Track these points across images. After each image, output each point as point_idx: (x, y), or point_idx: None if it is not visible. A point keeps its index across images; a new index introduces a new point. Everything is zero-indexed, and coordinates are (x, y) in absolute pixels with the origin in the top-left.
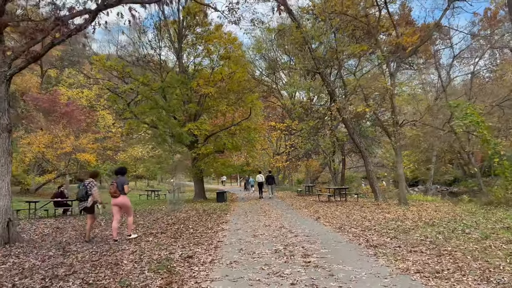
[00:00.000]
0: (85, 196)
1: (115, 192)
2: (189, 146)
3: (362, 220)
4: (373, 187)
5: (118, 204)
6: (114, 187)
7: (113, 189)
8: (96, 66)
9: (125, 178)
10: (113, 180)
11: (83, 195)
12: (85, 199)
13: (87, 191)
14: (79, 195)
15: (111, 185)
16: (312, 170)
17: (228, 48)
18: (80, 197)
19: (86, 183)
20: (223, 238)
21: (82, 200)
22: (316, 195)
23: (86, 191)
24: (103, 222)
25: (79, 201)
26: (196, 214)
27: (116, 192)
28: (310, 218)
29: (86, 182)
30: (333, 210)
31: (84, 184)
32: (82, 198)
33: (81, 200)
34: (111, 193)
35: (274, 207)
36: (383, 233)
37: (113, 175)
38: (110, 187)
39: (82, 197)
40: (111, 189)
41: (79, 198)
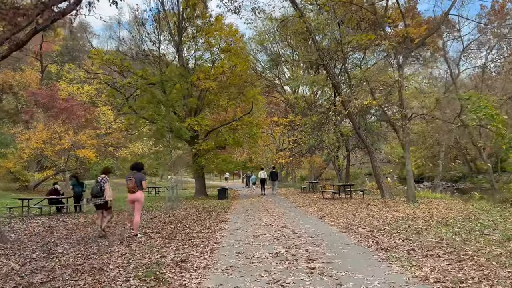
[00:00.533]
0: (100, 192)
1: (134, 187)
2: (189, 141)
3: (370, 219)
4: (379, 184)
5: (133, 199)
6: (132, 183)
7: (131, 184)
8: (94, 60)
9: (142, 173)
10: (131, 176)
11: (98, 191)
12: (100, 195)
13: (101, 187)
14: (94, 191)
15: (129, 181)
16: (315, 167)
17: (229, 40)
18: (95, 193)
19: (99, 179)
20: (221, 239)
21: (97, 196)
22: (320, 192)
23: (100, 187)
24: None
25: (93, 197)
26: (195, 212)
27: (134, 188)
28: (314, 217)
29: (99, 178)
30: (338, 208)
31: (98, 180)
32: (97, 194)
33: (96, 196)
34: (129, 188)
35: (277, 205)
36: (394, 234)
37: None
38: (128, 183)
39: (97, 193)
40: (129, 184)
41: (93, 194)
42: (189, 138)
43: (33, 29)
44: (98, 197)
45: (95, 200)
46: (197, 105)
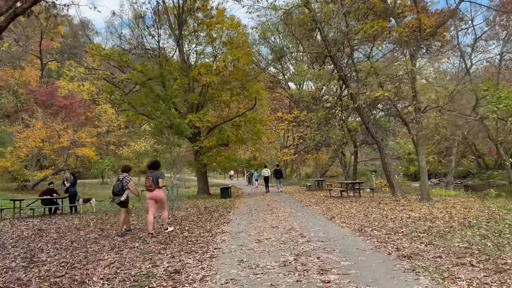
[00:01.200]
0: (121, 191)
1: (151, 186)
2: (191, 139)
3: (384, 220)
4: (390, 181)
5: (153, 198)
6: (149, 181)
7: (148, 182)
8: (92, 55)
9: (159, 172)
10: (148, 174)
11: (119, 189)
12: (120, 193)
13: (123, 185)
14: (115, 190)
15: (147, 179)
16: (321, 164)
17: (232, 33)
18: (117, 191)
19: (121, 178)
20: (222, 244)
21: (118, 195)
22: (326, 190)
23: (122, 186)
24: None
25: (114, 195)
26: (196, 212)
27: (151, 186)
28: (323, 218)
29: (121, 177)
30: (348, 208)
31: (119, 179)
32: (118, 193)
33: (116, 195)
34: (147, 187)
35: (282, 204)
36: (414, 237)
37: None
38: (146, 181)
39: (118, 191)
40: (146, 182)
41: (114, 192)
42: (191, 135)
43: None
44: (119, 195)
45: (116, 198)
46: (198, 101)
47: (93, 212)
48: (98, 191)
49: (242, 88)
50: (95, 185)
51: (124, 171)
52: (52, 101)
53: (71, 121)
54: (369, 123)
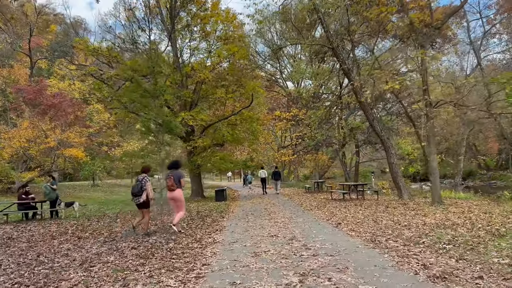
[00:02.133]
0: (140, 191)
1: (172, 185)
2: (184, 138)
3: (398, 228)
4: (397, 183)
5: (173, 198)
6: (171, 181)
7: (170, 182)
8: (79, 50)
9: (180, 171)
10: (169, 174)
11: (138, 190)
12: (140, 194)
13: (142, 186)
14: (134, 190)
15: (168, 179)
16: (321, 165)
17: (227, 27)
18: (136, 192)
19: (140, 179)
20: (212, 259)
21: (137, 195)
22: (327, 192)
23: (141, 186)
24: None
25: (133, 196)
26: (187, 218)
27: (173, 186)
28: (327, 224)
29: (140, 178)
30: (354, 212)
31: (138, 179)
32: (137, 193)
33: (136, 195)
34: (169, 187)
35: (281, 208)
36: (439, 250)
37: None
38: (167, 181)
39: (137, 192)
40: (168, 182)
41: (134, 193)
42: (184, 133)
43: None
44: (138, 196)
45: (136, 199)
46: (192, 98)
47: (76, 217)
48: (88, 193)
49: (238, 85)
50: (85, 187)
51: (144, 171)
52: (40, 99)
53: (60, 120)
54: (374, 120)
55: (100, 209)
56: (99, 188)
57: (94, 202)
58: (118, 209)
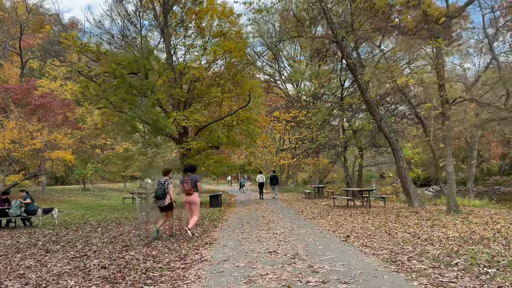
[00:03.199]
0: (164, 194)
1: (190, 189)
2: (177, 140)
3: (418, 242)
4: (406, 189)
5: (189, 201)
6: (189, 185)
7: (187, 186)
8: (66, 46)
9: (196, 175)
10: (186, 178)
11: (162, 193)
12: (164, 197)
13: (165, 188)
14: (159, 193)
15: (185, 183)
16: (321, 169)
17: (223, 23)
18: (160, 194)
19: (162, 181)
20: (194, 285)
21: (161, 198)
22: (327, 198)
23: (164, 189)
24: None
25: (157, 199)
26: (176, 227)
27: (191, 190)
28: (334, 237)
29: (162, 180)
30: (362, 222)
31: (161, 182)
32: (161, 196)
33: (160, 198)
34: (186, 190)
35: (280, 216)
36: (481, 275)
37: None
38: (184, 185)
39: (161, 195)
40: (185, 186)
41: (158, 196)
42: (177, 135)
43: None
44: (162, 199)
45: (159, 202)
46: (186, 98)
47: (55, 225)
48: (77, 198)
49: (235, 84)
50: (75, 191)
51: (166, 174)
52: (28, 99)
53: (48, 121)
54: (381, 121)
55: (84, 216)
56: (89, 193)
57: (81, 207)
58: (103, 216)
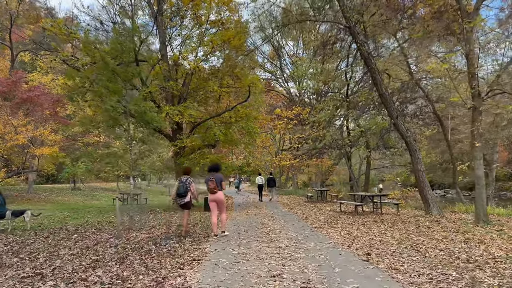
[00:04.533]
0: (185, 192)
1: (215, 188)
2: (170, 137)
3: (460, 265)
4: (424, 194)
5: (215, 200)
6: (214, 183)
7: (212, 185)
8: (51, 33)
9: (221, 174)
10: (210, 176)
11: (184, 190)
12: (185, 195)
13: (187, 187)
14: (180, 191)
15: (210, 181)
16: (324, 171)
17: (222, 10)
18: (182, 192)
19: (183, 180)
20: None
21: (182, 196)
22: (331, 203)
23: (186, 187)
24: None
25: (178, 197)
26: (161, 235)
27: (216, 188)
28: (351, 254)
29: (184, 179)
30: (379, 233)
31: (182, 181)
32: (183, 194)
33: (181, 196)
34: (211, 189)
35: (282, 223)
36: None
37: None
38: (210, 183)
39: (183, 193)
40: (210, 185)
41: (179, 194)
42: (170, 131)
43: None
44: (183, 197)
45: (180, 200)
46: (180, 92)
47: (27, 229)
48: (65, 197)
49: (234, 78)
50: (65, 191)
51: (186, 173)
52: (15, 92)
53: (35, 116)
54: (397, 118)
55: (65, 219)
56: (80, 192)
57: (66, 208)
58: (85, 219)
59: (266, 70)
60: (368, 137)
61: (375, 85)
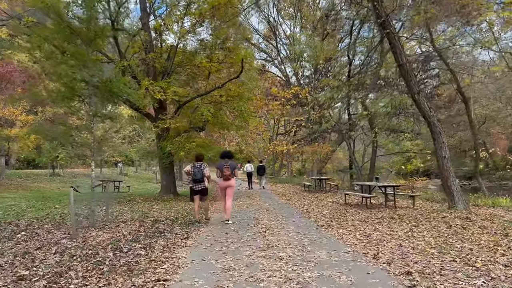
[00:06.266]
0: (202, 178)
1: (230, 175)
2: (152, 117)
3: None
4: (448, 185)
5: (229, 185)
6: (228, 170)
7: (228, 171)
8: None
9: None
10: (224, 164)
11: (201, 176)
12: (202, 180)
13: (203, 172)
14: (198, 177)
15: (225, 168)
16: (322, 157)
17: None
18: (199, 178)
19: (198, 165)
20: None
21: (200, 181)
22: (331, 193)
23: (202, 173)
24: None
25: (195, 183)
26: (133, 232)
27: (230, 175)
28: (383, 270)
29: (198, 165)
30: (406, 236)
31: (197, 166)
32: (200, 179)
33: (199, 182)
34: (226, 175)
35: (280, 218)
36: None
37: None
38: (224, 170)
39: (200, 178)
40: (225, 171)
41: (197, 179)
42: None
43: None
44: (201, 182)
45: (197, 185)
46: (164, 67)
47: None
48: (42, 184)
49: (225, 50)
50: (43, 177)
51: (200, 159)
52: None
53: (4, 93)
54: (419, 93)
55: (26, 210)
56: (59, 178)
57: (37, 196)
58: (47, 211)
59: (261, 49)
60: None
61: (394, 54)
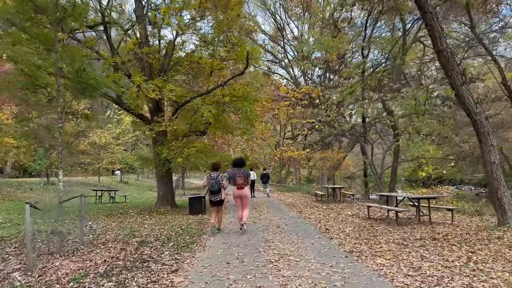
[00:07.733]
0: (219, 189)
1: (243, 183)
2: (147, 119)
3: None
4: (499, 197)
5: (241, 196)
6: (242, 179)
7: (241, 180)
8: None
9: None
10: (237, 172)
11: (218, 188)
12: (219, 191)
13: (220, 184)
14: (215, 188)
15: (238, 177)
16: (334, 164)
17: None
18: (217, 189)
19: (214, 176)
20: None
21: (217, 193)
22: (346, 203)
23: (219, 184)
24: None
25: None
26: (108, 263)
27: (244, 184)
28: None
29: (214, 175)
30: (466, 268)
31: (213, 177)
32: (217, 191)
33: (216, 193)
34: (240, 184)
35: (294, 240)
36: None
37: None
38: (238, 179)
39: (218, 189)
40: (239, 180)
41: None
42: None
43: None
44: (218, 193)
45: (215, 197)
46: (162, 63)
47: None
48: (34, 193)
49: (228, 43)
50: (36, 186)
51: (216, 169)
52: None
53: None
54: (462, 85)
55: (0, 225)
56: (53, 188)
57: (19, 209)
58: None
59: (267, 50)
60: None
61: (432, 38)
